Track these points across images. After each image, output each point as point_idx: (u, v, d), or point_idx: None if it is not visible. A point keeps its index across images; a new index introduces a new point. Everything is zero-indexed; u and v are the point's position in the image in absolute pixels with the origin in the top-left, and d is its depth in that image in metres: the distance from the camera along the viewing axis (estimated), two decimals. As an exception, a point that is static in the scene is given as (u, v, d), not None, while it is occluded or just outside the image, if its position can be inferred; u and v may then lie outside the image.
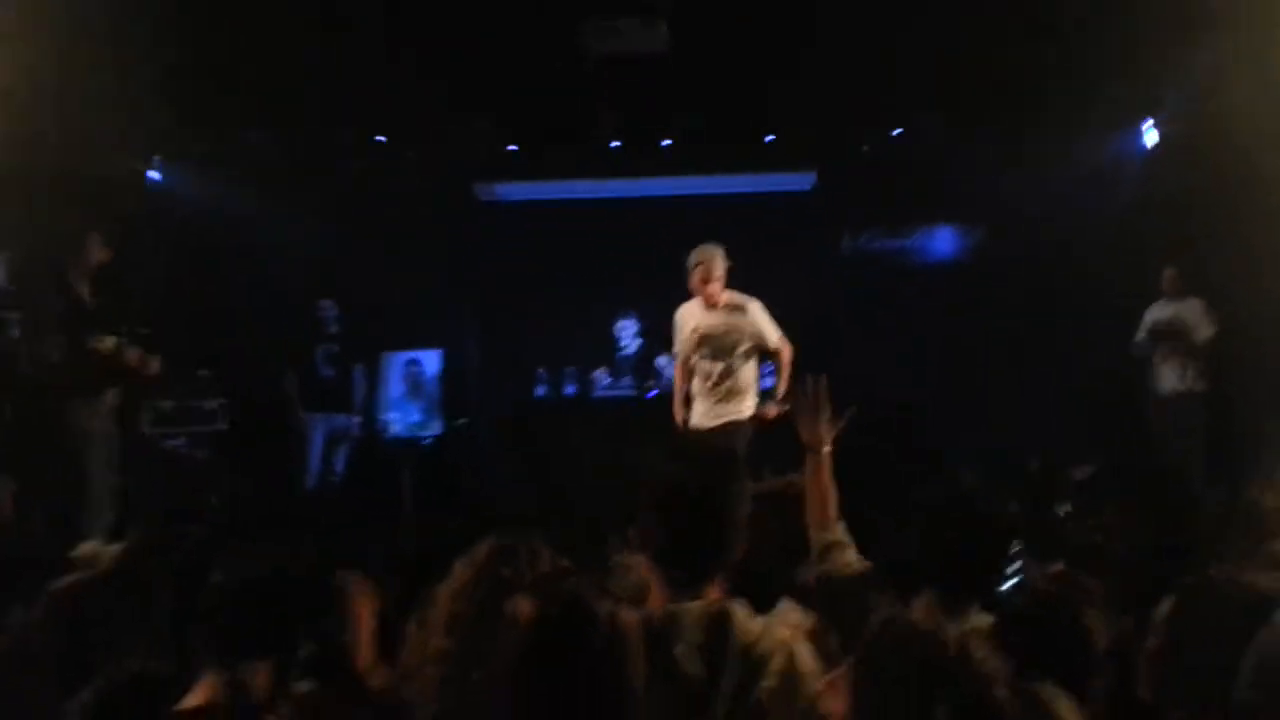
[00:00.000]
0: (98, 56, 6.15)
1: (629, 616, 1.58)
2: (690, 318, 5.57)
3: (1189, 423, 6.89)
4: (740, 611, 1.91)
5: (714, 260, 5.36)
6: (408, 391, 8.48)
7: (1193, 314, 6.98)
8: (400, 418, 8.35)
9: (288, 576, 2.12)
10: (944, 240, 9.12)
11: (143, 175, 7.76)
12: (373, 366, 8.18)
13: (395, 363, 8.50)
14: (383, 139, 8.24)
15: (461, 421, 8.47)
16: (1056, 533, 3.35)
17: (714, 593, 1.96)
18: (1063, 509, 5.30)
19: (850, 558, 2.60)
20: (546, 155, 8.60)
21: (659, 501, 1.99)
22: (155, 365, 5.29)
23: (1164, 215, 7.34)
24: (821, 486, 2.67)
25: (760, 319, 5.48)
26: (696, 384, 5.57)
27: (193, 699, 1.94)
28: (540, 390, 8.01)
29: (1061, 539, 3.34)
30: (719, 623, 1.87)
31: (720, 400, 5.48)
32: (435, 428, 8.39)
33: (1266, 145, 6.18)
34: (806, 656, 1.91)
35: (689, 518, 1.96)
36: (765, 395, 5.71)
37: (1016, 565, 3.09)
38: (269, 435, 7.50)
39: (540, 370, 8.08)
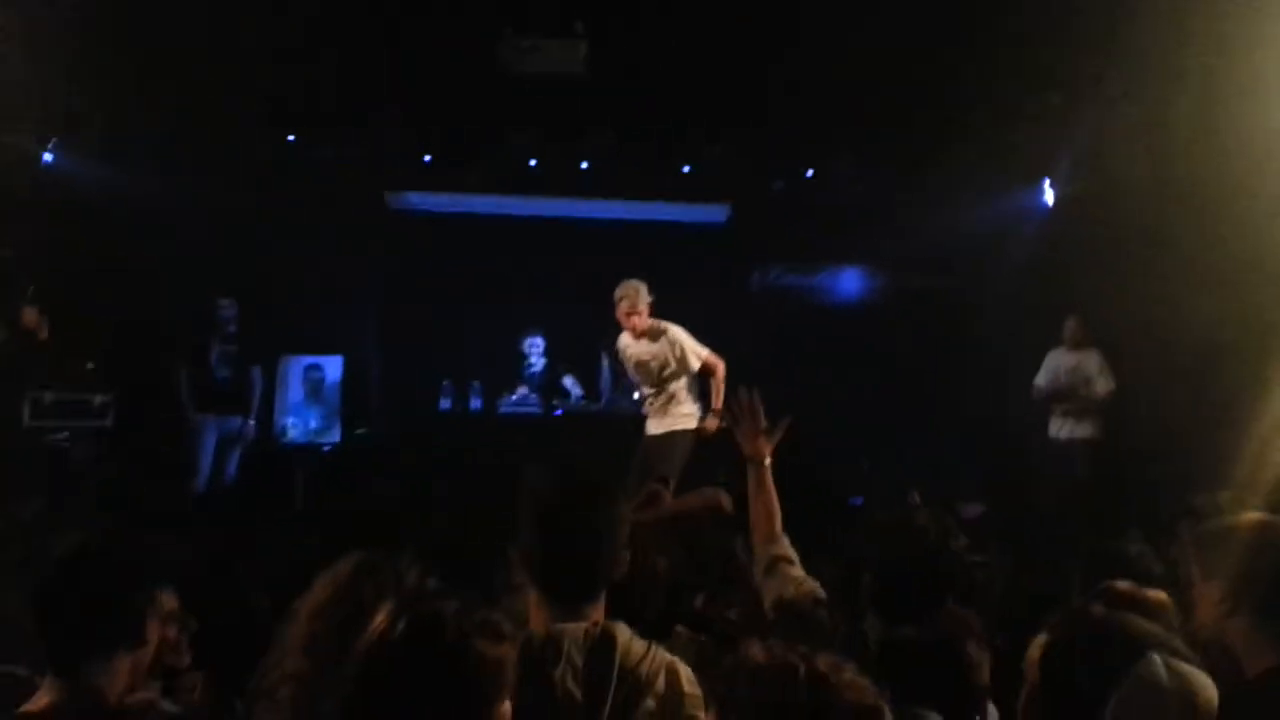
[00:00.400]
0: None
1: (491, 641, 1.50)
2: (626, 347, 6.08)
3: (1078, 470, 7.07)
4: (623, 633, 1.89)
5: (637, 294, 5.82)
6: (307, 396, 8.28)
7: (1092, 366, 7.12)
8: (298, 423, 8.15)
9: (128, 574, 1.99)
10: (849, 281, 9.38)
11: (37, 157, 7.44)
12: (271, 369, 7.97)
13: (295, 366, 8.29)
14: (293, 138, 8.07)
15: (361, 431, 8.31)
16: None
17: (597, 614, 1.93)
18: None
19: (798, 574, 2.62)
20: (462, 168, 8.55)
21: (534, 521, 1.94)
22: (45, 329, 5.04)
23: (1058, 269, 7.69)
24: (766, 498, 2.72)
25: (680, 344, 5.89)
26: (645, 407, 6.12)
27: (37, 701, 1.85)
28: (445, 403, 7.92)
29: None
30: (601, 644, 1.85)
31: (658, 417, 6.00)
32: (334, 435, 8.21)
33: (1153, 206, 6.56)
34: (689, 679, 1.89)
35: (564, 538, 1.92)
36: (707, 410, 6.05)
37: None
38: (158, 434, 7.24)
39: (445, 383, 7.99)
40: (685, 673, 1.90)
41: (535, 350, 8.01)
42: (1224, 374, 5.78)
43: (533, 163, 8.33)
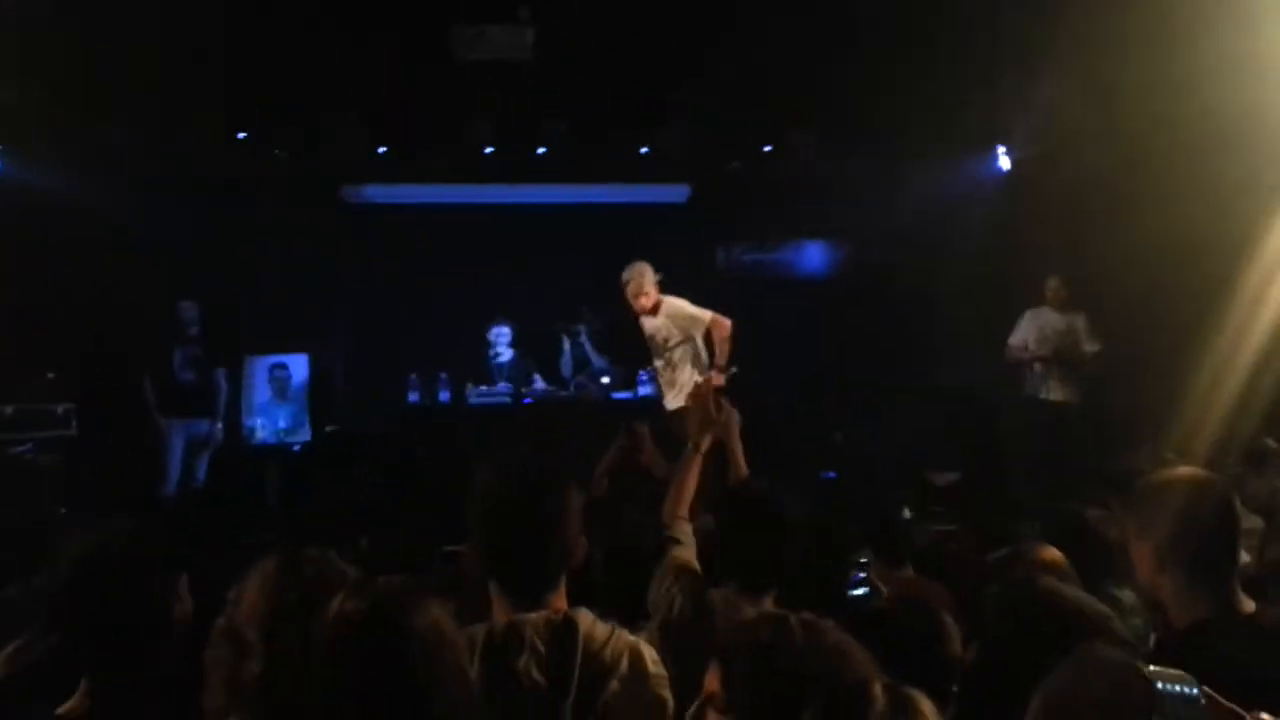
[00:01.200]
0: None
1: (449, 622, 1.53)
2: (644, 326, 6.32)
3: (1064, 431, 6.96)
4: (585, 619, 1.91)
5: (642, 276, 6.12)
6: (274, 396, 8.21)
7: (1081, 326, 7.01)
8: (266, 423, 8.08)
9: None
10: (813, 255, 9.43)
11: (-15, 165, 7.30)
12: (236, 370, 7.90)
13: (259, 367, 8.22)
14: (244, 135, 7.97)
15: (331, 428, 8.26)
16: (902, 537, 3.48)
17: (558, 602, 1.94)
18: (905, 513, 5.56)
19: (684, 556, 2.69)
20: (417, 159, 8.49)
21: (482, 518, 1.96)
22: None
23: (1017, 235, 7.77)
24: (681, 481, 2.82)
25: (678, 312, 6.12)
26: (661, 381, 6.34)
27: (74, 703, 1.85)
28: (413, 396, 7.88)
29: (907, 544, 3.47)
30: (563, 631, 1.87)
31: (668, 391, 6.20)
32: (303, 434, 8.16)
33: (1106, 168, 6.65)
34: (653, 659, 1.92)
35: (512, 532, 1.93)
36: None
37: (864, 574, 3.24)
38: (124, 441, 7.15)
39: (412, 376, 7.95)
40: (649, 653, 1.93)
41: (502, 340, 7.98)
42: (1177, 332, 5.89)
43: (488, 150, 8.27)
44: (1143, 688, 1.22)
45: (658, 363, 6.34)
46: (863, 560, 3.21)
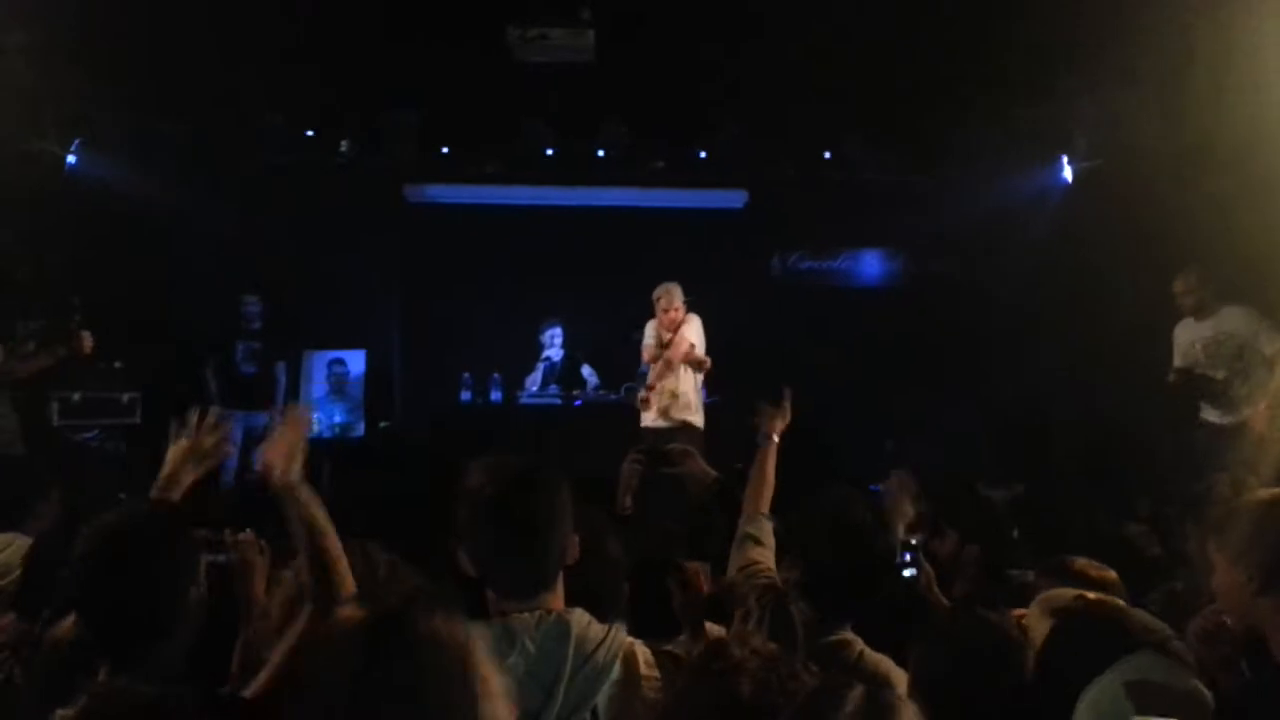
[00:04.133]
0: (18, 38, 6.01)
1: (459, 626, 1.49)
2: (651, 331, 6.70)
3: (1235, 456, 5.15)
4: (580, 619, 1.90)
5: (670, 295, 6.54)
6: (331, 391, 8.36)
7: (1242, 323, 5.58)
8: (323, 418, 8.23)
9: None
10: (869, 264, 9.34)
11: (62, 159, 7.54)
12: (295, 365, 8.05)
13: (318, 362, 8.37)
14: (312, 133, 8.13)
15: (385, 424, 8.38)
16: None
17: (554, 602, 1.93)
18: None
19: (757, 554, 2.65)
20: (477, 159, 8.58)
21: (472, 518, 1.95)
22: (89, 342, 5.15)
23: (1079, 246, 7.63)
24: (760, 477, 2.83)
25: (689, 328, 6.49)
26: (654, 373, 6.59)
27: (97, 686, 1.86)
28: (466, 396, 7.96)
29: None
30: (555, 630, 1.86)
31: (667, 406, 6.46)
32: (358, 429, 8.29)
33: (1169, 182, 6.49)
34: (647, 661, 1.91)
35: (502, 532, 1.92)
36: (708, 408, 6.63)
37: (910, 555, 3.21)
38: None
39: (466, 375, 8.04)
40: (644, 655, 1.92)
41: (555, 341, 8.03)
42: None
43: (549, 152, 8.34)
44: None
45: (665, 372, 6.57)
46: (913, 541, 3.18)
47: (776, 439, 2.93)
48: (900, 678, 2.11)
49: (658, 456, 3.81)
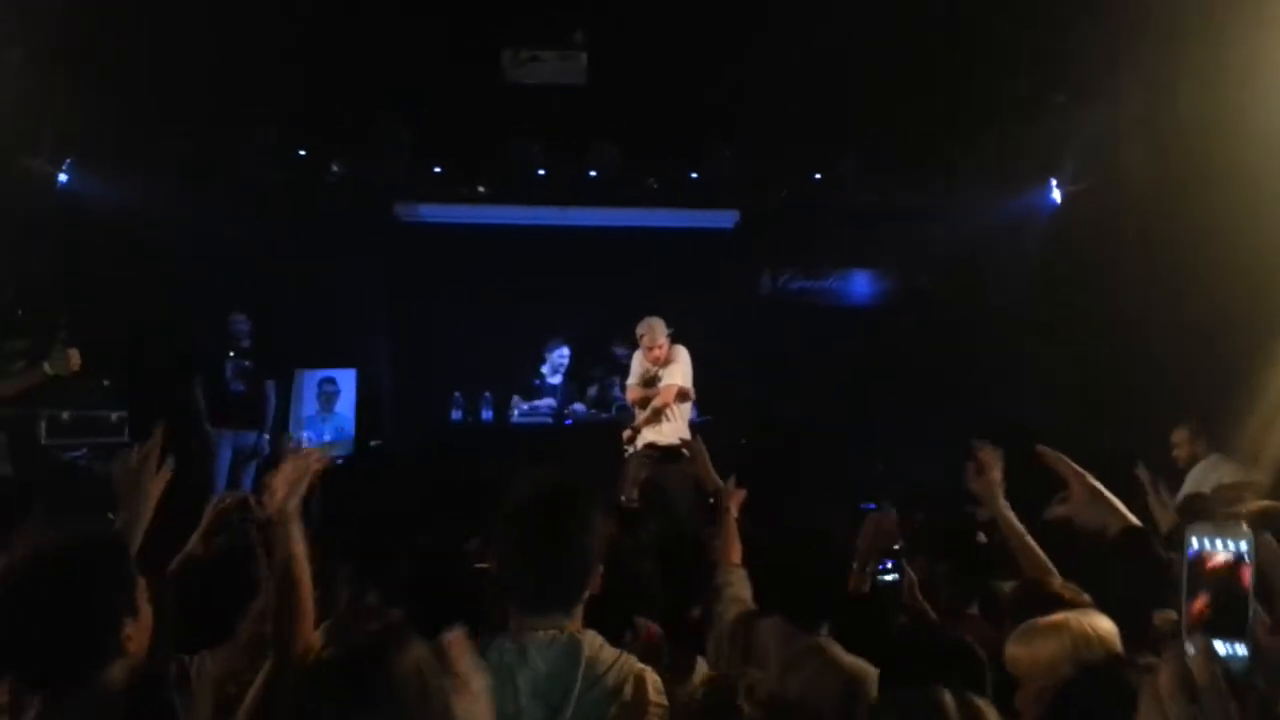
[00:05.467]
0: (8, 56, 6.01)
1: (426, 660, 1.50)
2: (637, 364, 6.62)
3: None
4: (592, 641, 1.90)
5: (653, 331, 6.42)
6: (321, 410, 8.34)
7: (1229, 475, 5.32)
8: (313, 436, 8.20)
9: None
10: (859, 283, 9.38)
11: (53, 177, 7.53)
12: (285, 383, 8.02)
13: (309, 380, 8.35)
14: (304, 153, 8.14)
15: (375, 443, 8.36)
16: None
17: (571, 624, 1.93)
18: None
19: (734, 595, 2.71)
20: (469, 179, 8.61)
21: (505, 526, 1.96)
22: (77, 359, 5.12)
23: (1068, 266, 7.67)
24: (730, 534, 2.93)
25: (676, 367, 6.38)
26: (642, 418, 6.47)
27: None
28: (456, 415, 7.95)
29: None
30: (566, 651, 1.86)
31: (649, 424, 6.34)
32: (348, 448, 8.26)
33: (1159, 201, 6.55)
34: (657, 688, 1.90)
35: (531, 542, 1.92)
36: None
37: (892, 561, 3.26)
38: (174, 450, 7.28)
39: (456, 394, 8.02)
40: (653, 681, 1.91)
41: (549, 361, 8.05)
42: (1231, 364, 5.77)
43: (541, 172, 8.37)
44: None
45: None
46: (895, 547, 3.24)
47: (735, 511, 3.02)
48: (873, 676, 2.18)
49: (666, 453, 3.85)
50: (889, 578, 3.32)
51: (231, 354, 7.47)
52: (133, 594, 1.80)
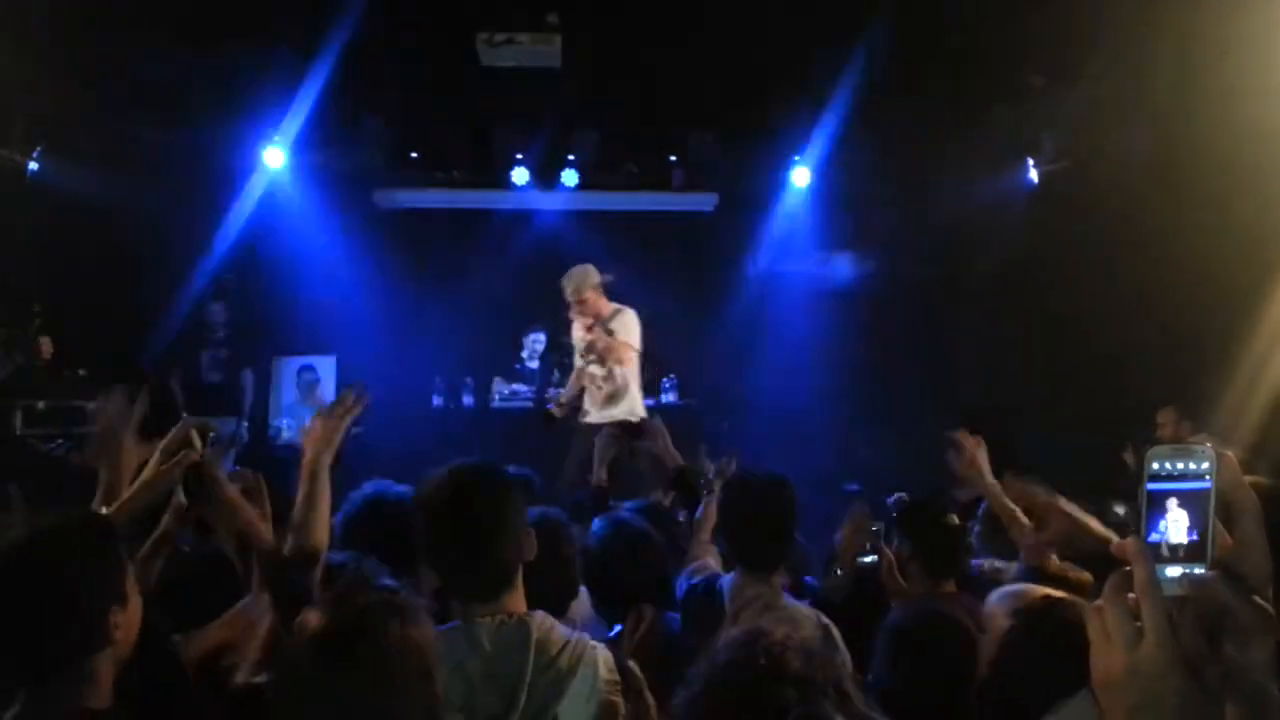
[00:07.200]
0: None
1: (422, 633, 1.53)
2: (577, 330, 6.16)
3: None
4: (542, 623, 1.90)
5: (576, 283, 5.96)
6: (301, 397, 8.28)
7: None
8: (292, 424, 8.16)
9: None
10: (839, 267, 9.38)
11: (23, 166, 7.42)
12: (263, 371, 7.97)
13: (287, 368, 8.30)
14: (278, 139, 8.05)
15: (356, 430, 8.30)
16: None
17: (515, 603, 1.94)
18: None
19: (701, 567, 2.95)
20: (448, 165, 8.55)
21: (424, 525, 1.98)
22: (49, 347, 5.07)
23: (1044, 248, 7.70)
24: (708, 516, 3.16)
25: (624, 328, 5.99)
26: (588, 389, 6.12)
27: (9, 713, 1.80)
28: (437, 400, 7.92)
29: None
30: (514, 634, 1.86)
31: (605, 404, 6.02)
32: (328, 436, 8.21)
33: (1134, 184, 6.59)
34: (609, 665, 1.92)
35: (452, 536, 1.94)
36: (652, 411, 6.17)
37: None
38: (151, 439, 7.22)
39: (437, 380, 7.99)
40: (605, 658, 1.93)
41: (530, 345, 8.02)
42: (1207, 343, 5.83)
43: (518, 157, 8.32)
44: None
45: (595, 370, 6.07)
46: (874, 529, 3.33)
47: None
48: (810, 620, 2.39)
49: (633, 431, 3.93)
50: (867, 559, 3.40)
51: (207, 344, 7.41)
52: (122, 581, 1.75)
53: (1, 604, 1.65)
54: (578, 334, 6.18)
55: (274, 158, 8.05)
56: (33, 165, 7.46)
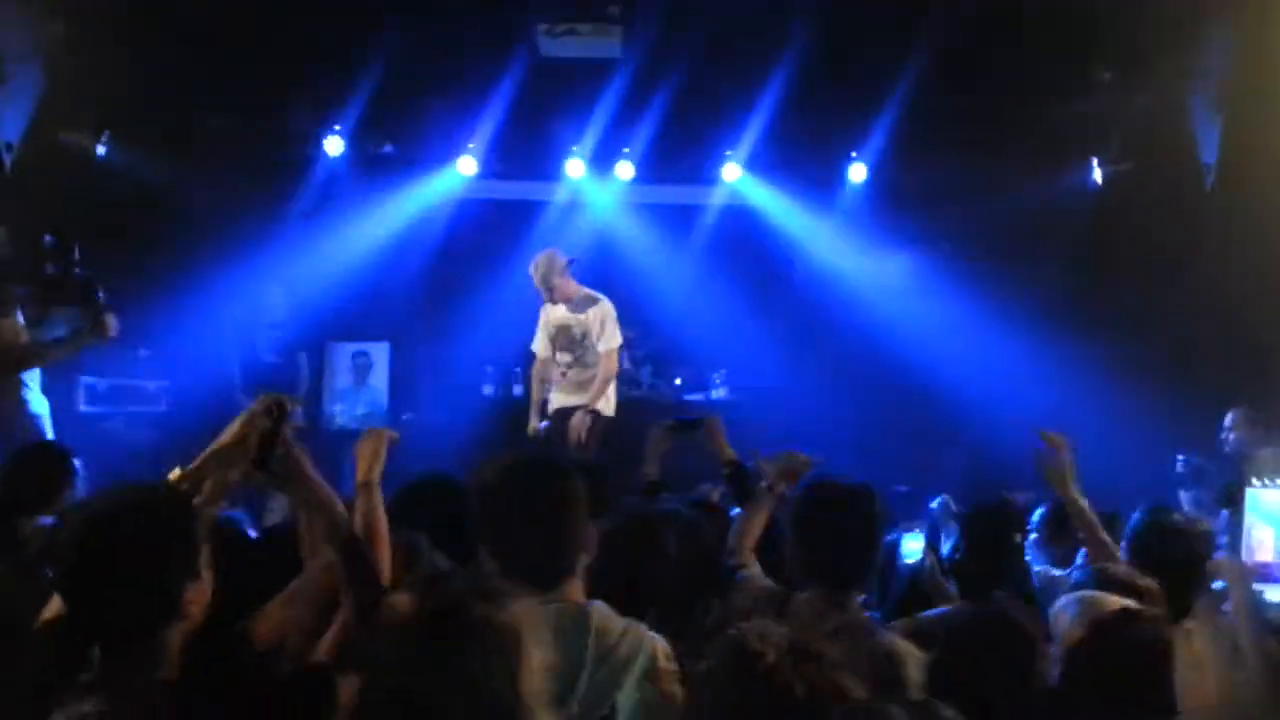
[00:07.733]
0: (57, 30, 6.07)
1: (499, 608, 1.56)
2: (543, 314, 6.18)
3: None
4: (599, 612, 1.91)
5: (544, 266, 5.99)
6: (354, 383, 8.38)
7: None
8: (345, 409, 8.25)
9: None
10: (897, 264, 9.24)
11: (92, 151, 7.60)
12: (318, 355, 8.07)
13: (342, 353, 8.39)
14: (338, 128, 8.15)
15: (408, 416, 8.39)
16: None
17: (574, 593, 1.95)
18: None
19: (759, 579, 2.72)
20: (506, 154, 8.58)
21: (485, 512, 2.00)
22: (115, 326, 5.19)
23: (1105, 249, 7.55)
24: (752, 520, 2.94)
25: (600, 317, 6.00)
26: (554, 376, 6.13)
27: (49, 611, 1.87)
28: (488, 389, 7.96)
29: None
30: (574, 622, 1.86)
31: (571, 392, 6.05)
32: (381, 422, 8.29)
33: (1199, 186, 6.43)
34: (666, 654, 1.92)
35: (511, 523, 1.96)
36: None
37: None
38: (209, 420, 7.35)
39: (488, 369, 8.04)
40: (663, 649, 1.93)
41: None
42: (1272, 351, 5.68)
43: (574, 148, 8.33)
44: None
45: (564, 356, 6.13)
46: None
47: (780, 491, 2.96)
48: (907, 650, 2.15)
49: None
50: (911, 560, 3.34)
51: (265, 326, 7.52)
52: (196, 556, 1.79)
53: (85, 576, 1.70)
54: (548, 315, 6.18)
55: (334, 145, 8.14)
56: (100, 149, 7.63)
